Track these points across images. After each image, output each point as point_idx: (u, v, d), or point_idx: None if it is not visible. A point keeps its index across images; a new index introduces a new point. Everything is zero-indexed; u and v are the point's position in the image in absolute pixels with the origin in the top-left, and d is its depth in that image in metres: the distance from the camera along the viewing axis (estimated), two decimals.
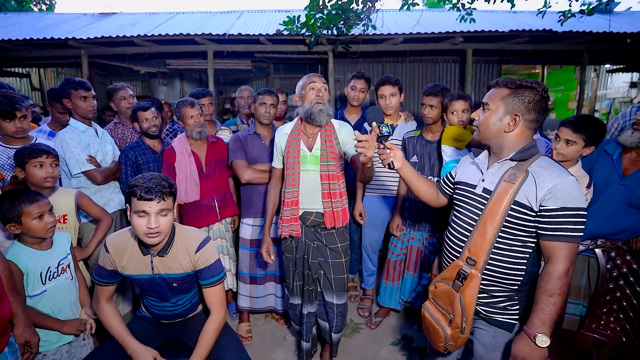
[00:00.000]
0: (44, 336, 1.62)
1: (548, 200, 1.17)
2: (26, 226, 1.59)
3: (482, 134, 1.34)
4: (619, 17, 7.03)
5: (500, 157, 1.32)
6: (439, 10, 8.21)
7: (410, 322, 2.68)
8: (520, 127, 1.27)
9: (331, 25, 4.58)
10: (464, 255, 1.32)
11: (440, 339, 1.34)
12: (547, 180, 1.18)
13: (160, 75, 7.27)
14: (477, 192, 1.36)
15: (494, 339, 1.36)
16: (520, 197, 1.22)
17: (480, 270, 1.27)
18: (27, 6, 12.63)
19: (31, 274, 1.60)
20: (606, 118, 8.79)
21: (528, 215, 1.22)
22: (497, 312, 1.33)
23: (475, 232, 1.30)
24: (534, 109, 1.24)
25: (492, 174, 1.32)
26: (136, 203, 1.41)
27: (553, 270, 1.19)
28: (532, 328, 1.20)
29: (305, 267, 2.00)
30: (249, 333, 2.51)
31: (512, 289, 1.30)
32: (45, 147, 1.86)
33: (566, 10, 4.54)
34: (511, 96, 1.26)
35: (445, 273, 1.38)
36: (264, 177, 2.34)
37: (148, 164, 2.45)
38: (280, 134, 2.00)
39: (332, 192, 1.86)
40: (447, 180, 1.60)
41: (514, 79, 1.27)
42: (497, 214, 1.24)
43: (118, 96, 2.83)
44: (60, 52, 5.32)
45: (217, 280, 1.63)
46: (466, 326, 1.27)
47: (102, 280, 1.62)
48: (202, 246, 1.60)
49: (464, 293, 1.28)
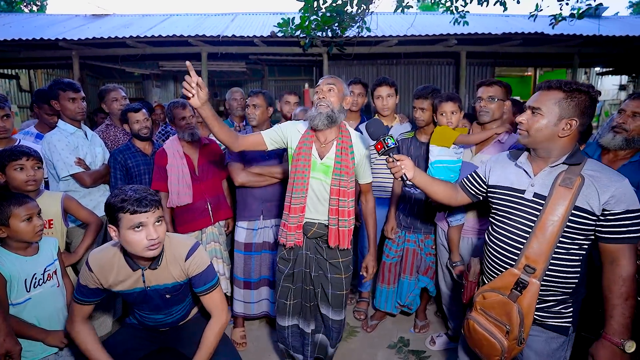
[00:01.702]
0: (29, 346, 1.56)
1: (612, 204, 1.17)
2: (14, 229, 1.53)
3: (532, 138, 1.28)
4: (608, 21, 7.15)
5: (549, 162, 1.28)
6: (433, 14, 8.26)
7: (406, 325, 2.66)
8: (574, 133, 1.24)
9: (326, 27, 4.58)
10: (520, 263, 1.26)
11: (496, 352, 1.27)
12: (608, 185, 1.17)
13: (154, 77, 7.21)
14: (527, 197, 1.31)
15: (547, 345, 1.31)
16: (581, 202, 1.20)
17: (540, 277, 1.23)
18: (17, 7, 12.48)
19: (15, 281, 1.53)
20: (597, 120, 8.90)
21: (589, 219, 1.20)
22: (552, 316, 1.29)
23: (533, 238, 1.25)
24: (587, 113, 1.22)
25: (542, 178, 1.29)
26: (130, 218, 1.33)
27: (624, 273, 1.18)
28: (616, 335, 1.17)
29: (306, 282, 1.88)
30: (244, 339, 2.46)
31: (567, 293, 1.28)
32: (25, 149, 1.80)
33: (557, 14, 4.60)
34: (566, 100, 1.22)
35: (496, 282, 1.32)
36: (258, 180, 2.31)
37: (138, 167, 2.41)
38: (292, 128, 1.85)
39: (341, 209, 1.74)
40: (473, 180, 1.56)
41: (568, 81, 1.24)
42: (557, 220, 1.21)
43: (110, 97, 2.78)
44: (50, 53, 5.25)
45: (211, 286, 1.58)
46: (525, 336, 1.23)
47: (84, 299, 1.49)
48: (192, 253, 1.54)
49: (521, 302, 1.23)
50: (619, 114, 1.82)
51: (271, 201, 2.37)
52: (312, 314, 1.93)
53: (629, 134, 1.76)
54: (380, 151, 1.44)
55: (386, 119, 2.61)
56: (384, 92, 2.52)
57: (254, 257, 2.40)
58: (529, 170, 1.32)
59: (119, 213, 1.33)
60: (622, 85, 8.85)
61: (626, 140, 1.77)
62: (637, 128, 1.75)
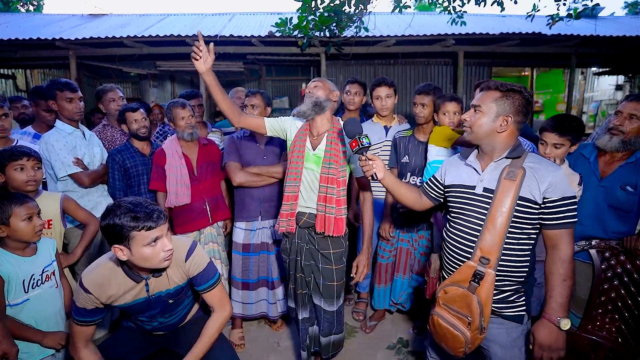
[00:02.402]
0: (26, 348, 1.56)
1: (550, 192, 1.26)
2: (14, 228, 1.52)
3: (475, 134, 1.39)
4: (604, 21, 7.18)
5: (494, 157, 1.38)
6: (431, 14, 8.28)
7: (405, 325, 2.66)
8: (511, 128, 1.35)
9: (323, 27, 4.57)
10: (476, 255, 1.34)
11: (460, 344, 1.33)
12: (546, 175, 1.28)
13: (151, 77, 7.18)
14: (477, 192, 1.39)
15: (509, 336, 1.38)
16: (524, 192, 1.29)
17: (494, 267, 1.31)
18: (13, 7, 12.40)
19: (13, 282, 1.53)
20: (593, 120, 8.96)
21: (533, 208, 1.29)
22: (508, 306, 1.36)
23: (485, 230, 1.33)
24: (522, 111, 1.33)
25: (489, 173, 1.37)
26: (145, 235, 1.30)
27: (563, 255, 1.28)
28: (553, 313, 1.26)
29: (297, 270, 1.96)
30: (242, 340, 2.46)
31: (519, 282, 1.35)
32: (26, 149, 1.79)
33: (554, 14, 4.62)
34: (502, 99, 1.33)
35: (456, 276, 1.38)
36: (256, 181, 2.30)
37: (136, 167, 2.40)
38: (292, 122, 1.96)
39: (329, 196, 1.80)
40: (432, 184, 1.62)
41: (504, 83, 1.35)
42: (505, 211, 1.30)
43: (107, 98, 2.77)
44: (47, 53, 5.21)
45: (213, 283, 1.58)
46: (485, 325, 1.30)
47: (85, 320, 1.44)
48: (191, 253, 1.53)
49: (480, 293, 1.30)
50: (616, 116, 1.81)
51: (269, 201, 2.37)
52: (305, 301, 1.99)
53: (625, 136, 1.76)
54: (354, 149, 1.49)
55: (385, 119, 2.61)
56: (382, 93, 2.52)
57: (252, 257, 2.40)
58: (478, 167, 1.42)
59: (133, 232, 1.28)
60: (619, 85, 8.89)
61: (623, 142, 1.77)
62: (633, 130, 1.75)
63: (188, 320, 1.76)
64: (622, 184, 1.78)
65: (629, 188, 1.76)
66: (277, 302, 2.44)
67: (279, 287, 2.44)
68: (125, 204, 1.31)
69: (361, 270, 1.94)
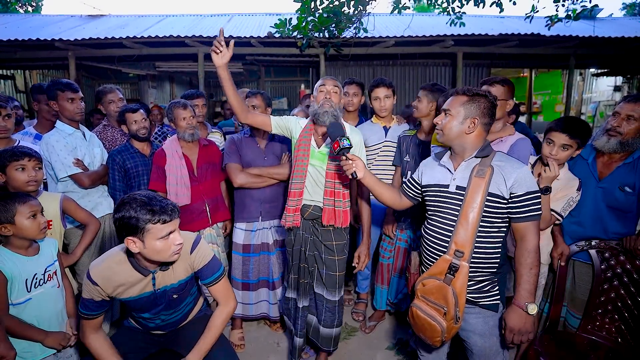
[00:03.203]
0: (28, 347, 1.56)
1: (516, 187, 1.36)
2: (20, 226, 1.53)
3: (446, 136, 1.49)
4: (603, 22, 7.21)
5: (464, 157, 1.47)
6: (429, 15, 8.30)
7: (404, 326, 2.66)
8: (478, 129, 1.44)
9: (323, 28, 4.58)
10: (451, 249, 1.42)
11: (437, 334, 1.41)
12: (512, 172, 1.37)
13: (150, 78, 7.18)
14: (451, 190, 1.48)
15: (486, 324, 1.47)
16: (493, 188, 1.38)
17: (468, 260, 1.40)
18: (12, 8, 12.38)
19: (16, 281, 1.53)
20: (592, 121, 8.98)
21: (501, 203, 1.38)
22: (484, 296, 1.45)
23: (458, 225, 1.42)
24: (487, 113, 1.43)
25: (461, 172, 1.47)
26: (160, 228, 1.33)
27: (529, 246, 1.38)
28: (522, 300, 1.36)
29: (301, 260, 2.04)
30: (242, 340, 2.45)
31: (492, 272, 1.44)
32: (27, 150, 1.79)
33: (553, 15, 4.63)
34: (469, 102, 1.43)
35: (432, 269, 1.47)
36: (257, 182, 2.31)
37: (136, 168, 2.40)
38: (296, 122, 2.05)
39: (337, 191, 1.92)
40: (410, 184, 1.71)
41: (470, 88, 1.45)
42: (475, 206, 1.39)
43: (107, 99, 2.77)
44: (46, 53, 5.22)
45: (218, 276, 1.60)
46: (460, 315, 1.38)
47: (92, 313, 1.48)
48: (196, 245, 1.56)
49: (455, 284, 1.39)
50: (613, 117, 1.81)
51: (270, 202, 2.37)
52: (306, 290, 2.08)
53: (623, 137, 1.76)
54: (336, 150, 1.60)
55: (384, 119, 2.61)
56: (381, 94, 2.52)
57: (252, 258, 2.40)
58: (450, 167, 1.51)
59: (148, 224, 1.32)
60: (617, 86, 8.93)
61: (620, 143, 1.77)
62: (631, 131, 1.75)
63: (189, 320, 1.77)
64: (620, 185, 1.78)
65: (628, 189, 1.76)
66: (278, 302, 2.44)
67: (279, 288, 2.44)
68: (140, 197, 1.34)
69: (362, 260, 2.09)
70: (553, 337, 1.80)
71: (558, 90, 8.68)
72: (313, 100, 2.01)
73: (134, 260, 1.46)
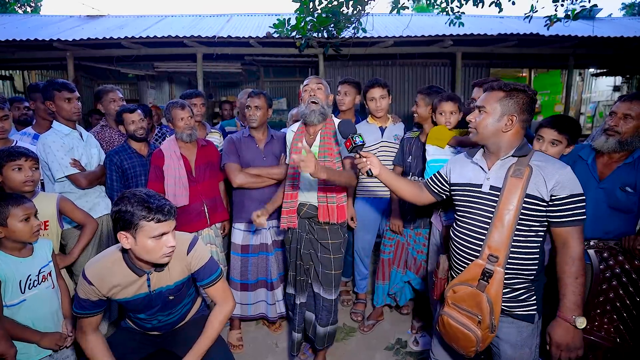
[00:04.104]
0: (23, 349, 1.55)
1: (558, 189, 1.27)
2: (12, 229, 1.52)
3: (481, 135, 1.40)
4: (602, 22, 7.21)
5: (500, 156, 1.39)
6: (429, 15, 8.29)
7: (403, 326, 2.66)
8: (516, 127, 1.35)
9: (321, 28, 4.57)
10: (484, 253, 1.34)
11: (471, 343, 1.33)
12: (553, 173, 1.28)
13: (149, 78, 7.17)
14: (484, 190, 1.39)
15: (519, 335, 1.38)
16: (532, 189, 1.29)
17: (503, 265, 1.31)
18: (11, 8, 12.36)
19: (9, 282, 1.52)
20: (591, 121, 8.98)
21: (540, 206, 1.30)
22: (519, 305, 1.36)
23: (493, 228, 1.33)
24: (526, 110, 1.35)
25: (495, 172, 1.38)
26: (154, 227, 1.32)
27: (573, 253, 1.28)
28: (568, 312, 1.27)
29: (297, 257, 2.08)
30: (240, 341, 2.45)
31: (530, 280, 1.35)
32: (24, 150, 1.79)
33: (552, 15, 4.63)
34: (506, 98, 1.34)
35: (464, 275, 1.38)
36: (256, 182, 2.30)
37: (134, 169, 2.39)
38: (289, 132, 2.14)
39: (328, 186, 1.93)
40: (436, 179, 1.64)
41: (508, 83, 1.35)
42: (512, 208, 1.30)
43: (107, 98, 2.77)
44: (45, 54, 5.20)
45: (215, 278, 1.59)
46: (495, 324, 1.30)
47: (88, 312, 1.46)
48: (192, 246, 1.55)
49: (489, 291, 1.30)
50: (610, 117, 1.79)
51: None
52: (303, 287, 2.10)
53: (621, 137, 1.75)
54: (349, 148, 1.55)
55: (380, 120, 2.60)
56: (377, 94, 2.51)
57: (251, 258, 2.39)
58: (484, 166, 1.43)
59: (142, 221, 1.31)
60: (616, 86, 8.92)
61: (619, 143, 1.75)
62: (629, 130, 1.73)
63: (187, 321, 1.76)
64: (621, 185, 1.76)
65: (629, 189, 1.74)
66: (276, 302, 2.43)
67: (278, 288, 2.43)
68: (140, 193, 1.34)
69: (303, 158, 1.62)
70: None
71: (557, 90, 8.67)
72: (301, 102, 2.06)
73: (129, 259, 1.45)
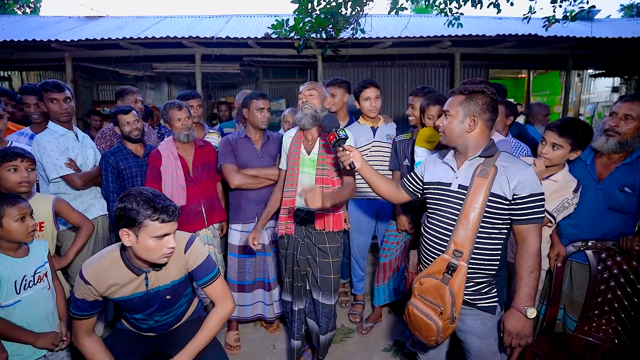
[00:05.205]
0: (17, 350, 1.54)
1: (519, 189, 1.34)
2: (7, 229, 1.52)
3: (448, 138, 1.47)
4: (600, 24, 7.21)
5: (468, 156, 1.45)
6: (427, 16, 8.31)
7: (401, 327, 2.65)
8: (480, 127, 1.42)
9: (320, 28, 4.57)
10: (450, 248, 1.41)
11: (432, 333, 1.40)
12: (516, 173, 1.35)
13: (148, 79, 7.17)
14: (453, 189, 1.46)
15: (483, 326, 1.46)
16: (496, 188, 1.36)
17: (467, 260, 1.38)
18: (10, 9, 12.37)
19: (5, 283, 1.51)
20: (590, 122, 8.99)
21: (503, 204, 1.37)
22: (482, 297, 1.44)
23: (459, 225, 1.40)
24: (487, 109, 1.41)
25: (464, 171, 1.45)
26: (157, 227, 1.32)
27: (530, 249, 1.36)
28: (521, 303, 1.35)
29: (294, 264, 2.05)
30: (238, 342, 2.44)
31: (491, 274, 1.43)
32: (20, 150, 1.78)
33: (550, 16, 4.63)
34: (467, 101, 1.42)
35: (431, 268, 1.45)
36: (254, 182, 2.29)
37: (130, 169, 2.38)
38: (286, 137, 2.10)
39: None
40: (411, 178, 1.70)
41: (466, 86, 1.44)
42: (477, 206, 1.37)
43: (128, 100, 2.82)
44: (43, 54, 5.20)
45: (213, 276, 1.58)
46: (456, 315, 1.37)
47: (84, 314, 1.46)
48: (190, 245, 1.54)
49: (452, 284, 1.38)
50: (610, 117, 1.79)
51: (266, 203, 2.35)
52: (300, 294, 2.08)
53: (622, 137, 1.74)
54: (332, 141, 1.60)
55: (373, 120, 2.59)
56: (372, 94, 2.50)
57: (248, 259, 2.38)
58: (454, 165, 1.49)
59: (147, 220, 1.31)
60: (615, 87, 8.93)
61: (619, 143, 1.75)
62: (629, 130, 1.73)
63: (183, 322, 1.75)
64: (620, 186, 1.75)
65: (627, 189, 1.73)
66: (274, 303, 2.42)
67: (275, 289, 2.42)
68: (146, 192, 1.35)
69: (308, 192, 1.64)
70: (549, 339, 1.78)
71: (556, 92, 8.69)
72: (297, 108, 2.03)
73: (128, 258, 1.45)
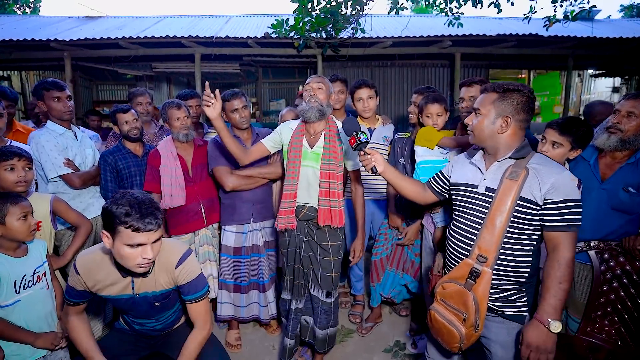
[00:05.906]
0: (17, 350, 1.53)
1: (552, 193, 1.25)
2: (9, 227, 1.51)
3: (477, 137, 1.40)
4: (601, 24, 7.21)
5: (497, 157, 1.38)
6: (427, 16, 8.31)
7: (401, 328, 2.63)
8: (512, 128, 1.34)
9: (320, 28, 4.56)
10: (473, 253, 1.35)
11: (455, 340, 1.34)
12: (549, 176, 1.26)
13: (147, 79, 7.16)
14: (480, 191, 1.40)
15: (509, 336, 1.38)
16: (525, 192, 1.28)
17: (491, 266, 1.31)
18: (9, 9, 12.36)
19: (4, 283, 1.51)
20: None
21: (533, 209, 1.28)
22: (509, 305, 1.36)
23: (484, 229, 1.33)
24: (522, 109, 1.33)
25: (492, 173, 1.38)
26: (130, 235, 1.25)
27: (561, 258, 1.26)
28: (544, 315, 1.25)
29: (296, 261, 2.03)
30: (238, 341, 2.43)
31: (520, 282, 1.35)
32: (17, 149, 1.77)
33: (551, 16, 4.63)
34: (500, 100, 1.34)
35: (454, 273, 1.39)
36: (249, 183, 2.26)
37: (129, 169, 2.37)
38: (286, 127, 2.05)
39: (332, 190, 1.90)
40: (438, 179, 1.64)
41: (501, 84, 1.35)
42: (504, 210, 1.30)
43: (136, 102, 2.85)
44: (42, 54, 5.19)
45: (200, 295, 1.54)
46: (480, 323, 1.31)
47: (73, 300, 1.48)
48: (182, 261, 1.49)
49: (476, 290, 1.31)
50: (614, 114, 1.77)
51: (261, 203, 2.34)
52: (301, 292, 2.06)
53: (624, 135, 1.72)
54: (353, 145, 1.57)
55: (368, 120, 2.57)
56: (364, 94, 2.48)
57: (243, 260, 2.35)
58: (482, 167, 1.43)
59: (120, 226, 1.25)
60: (615, 88, 8.93)
61: (621, 141, 1.73)
62: (632, 128, 1.71)
63: (180, 324, 1.74)
64: (624, 186, 1.73)
65: (632, 189, 1.71)
66: (268, 304, 2.40)
67: (269, 290, 2.40)
68: (129, 197, 1.29)
69: (357, 254, 2.12)
70: None
71: (556, 92, 8.68)
72: (301, 100, 2.00)
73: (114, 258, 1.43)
